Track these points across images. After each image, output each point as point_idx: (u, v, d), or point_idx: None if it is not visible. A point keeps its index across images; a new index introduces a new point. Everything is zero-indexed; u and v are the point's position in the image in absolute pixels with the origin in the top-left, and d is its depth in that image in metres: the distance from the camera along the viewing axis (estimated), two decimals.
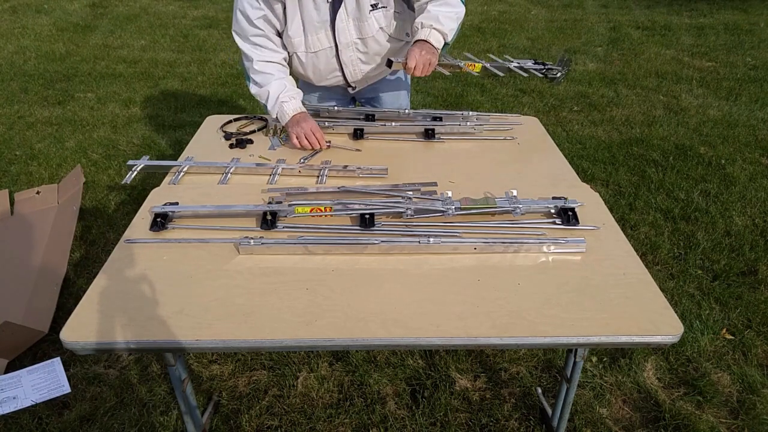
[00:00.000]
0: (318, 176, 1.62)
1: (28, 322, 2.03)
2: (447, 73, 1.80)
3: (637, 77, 4.64)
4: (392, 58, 1.71)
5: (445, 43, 1.69)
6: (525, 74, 1.88)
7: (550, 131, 1.95)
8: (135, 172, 1.65)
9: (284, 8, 1.66)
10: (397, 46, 1.80)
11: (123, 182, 1.68)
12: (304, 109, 1.77)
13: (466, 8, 1.74)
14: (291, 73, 1.85)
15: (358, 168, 1.61)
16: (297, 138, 1.73)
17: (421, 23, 1.65)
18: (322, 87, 1.96)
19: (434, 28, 1.64)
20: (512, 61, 1.89)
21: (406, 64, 1.61)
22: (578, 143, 3.51)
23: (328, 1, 1.63)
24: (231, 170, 1.65)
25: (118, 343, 1.06)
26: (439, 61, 1.69)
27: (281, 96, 1.73)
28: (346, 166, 1.63)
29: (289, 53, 1.79)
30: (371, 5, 1.65)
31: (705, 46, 5.38)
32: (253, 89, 1.79)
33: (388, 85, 2.00)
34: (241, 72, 1.79)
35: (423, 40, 1.64)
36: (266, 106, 1.78)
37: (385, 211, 1.38)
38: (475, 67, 1.83)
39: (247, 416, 1.77)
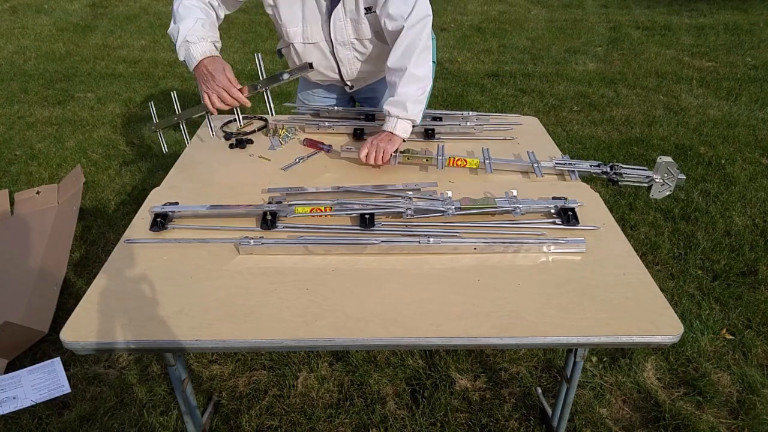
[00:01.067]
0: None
1: (28, 322, 2.03)
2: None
3: (637, 77, 4.64)
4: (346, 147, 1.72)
5: (414, 125, 1.67)
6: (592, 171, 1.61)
7: (550, 131, 1.95)
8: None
9: None
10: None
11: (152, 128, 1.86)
12: (215, 53, 1.54)
13: (435, 46, 1.68)
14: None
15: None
16: (209, 98, 1.51)
17: (389, 112, 1.62)
18: (321, 85, 1.95)
19: (401, 118, 1.62)
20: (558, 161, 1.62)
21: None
22: (578, 143, 3.51)
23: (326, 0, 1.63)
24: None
25: (118, 343, 1.06)
26: (413, 154, 1.64)
27: (189, 35, 1.50)
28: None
29: (286, 43, 1.79)
30: (365, 8, 1.65)
31: (705, 46, 5.38)
32: (170, 28, 1.58)
33: (386, 84, 2.00)
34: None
35: (385, 132, 1.62)
36: (175, 46, 1.57)
37: (385, 211, 1.38)
38: (468, 163, 1.62)
39: (247, 416, 1.77)
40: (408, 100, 1.60)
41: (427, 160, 1.64)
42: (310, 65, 1.68)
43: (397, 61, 1.61)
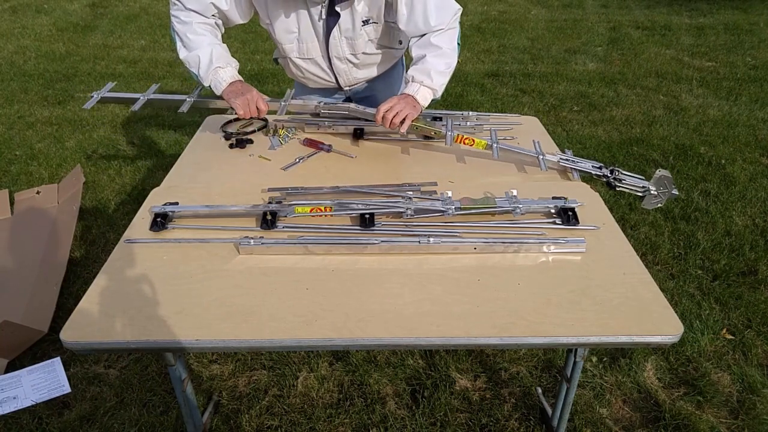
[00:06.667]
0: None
1: (28, 321, 2.03)
2: (432, 135, 1.68)
3: (637, 77, 4.64)
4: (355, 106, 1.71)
5: (433, 99, 1.67)
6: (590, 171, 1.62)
7: (550, 131, 1.95)
8: (97, 99, 1.75)
9: (268, 16, 1.65)
10: (389, 52, 1.82)
11: (83, 107, 1.82)
12: (240, 77, 1.66)
13: (460, 31, 1.68)
14: (285, 75, 1.83)
15: None
16: (243, 109, 1.62)
17: (412, 77, 1.62)
18: (317, 88, 1.96)
19: (424, 85, 1.62)
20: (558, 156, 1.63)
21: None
22: (578, 143, 3.50)
23: (320, 19, 1.63)
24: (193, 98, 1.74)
25: (118, 343, 1.07)
26: (422, 124, 1.63)
27: (216, 61, 1.60)
28: None
29: (282, 55, 1.80)
30: (363, 21, 1.65)
31: (705, 46, 5.37)
32: (182, 53, 1.64)
33: (383, 83, 1.99)
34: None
35: (408, 95, 1.62)
36: (196, 74, 1.64)
37: (385, 211, 1.38)
38: (476, 143, 1.63)
39: (247, 416, 1.77)
40: (433, 70, 1.61)
41: (435, 133, 1.63)
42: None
43: (426, 39, 1.63)
